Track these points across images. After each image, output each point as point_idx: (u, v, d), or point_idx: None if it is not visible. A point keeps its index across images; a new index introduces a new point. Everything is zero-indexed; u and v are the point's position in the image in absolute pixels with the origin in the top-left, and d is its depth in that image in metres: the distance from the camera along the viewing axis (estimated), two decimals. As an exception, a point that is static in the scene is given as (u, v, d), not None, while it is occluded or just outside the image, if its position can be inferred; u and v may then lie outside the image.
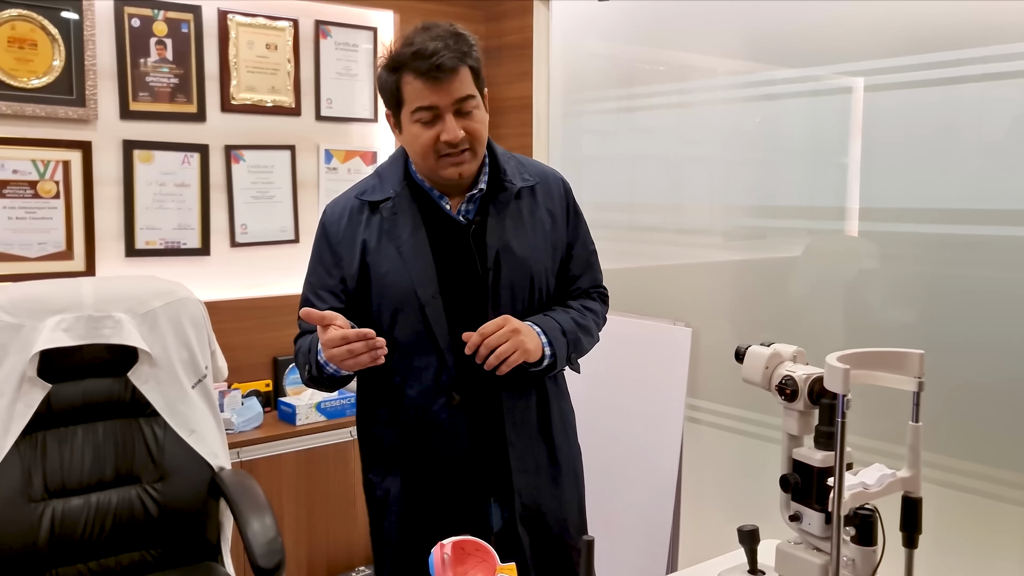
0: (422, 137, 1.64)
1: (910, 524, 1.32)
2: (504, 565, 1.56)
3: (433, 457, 1.75)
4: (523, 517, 1.77)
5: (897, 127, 2.20)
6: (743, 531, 1.52)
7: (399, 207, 1.73)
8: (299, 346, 1.79)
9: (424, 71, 1.60)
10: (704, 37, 2.68)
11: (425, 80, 1.60)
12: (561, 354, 1.74)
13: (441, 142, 1.63)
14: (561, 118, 3.25)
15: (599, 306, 1.91)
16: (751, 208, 2.59)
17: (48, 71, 2.66)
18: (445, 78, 1.60)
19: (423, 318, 1.69)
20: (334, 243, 1.77)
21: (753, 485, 2.51)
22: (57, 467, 2.09)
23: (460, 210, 1.75)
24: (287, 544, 2.66)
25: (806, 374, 1.41)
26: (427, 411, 1.73)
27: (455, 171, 1.67)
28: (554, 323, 1.75)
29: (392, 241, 1.72)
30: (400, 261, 1.70)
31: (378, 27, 3.37)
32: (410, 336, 1.71)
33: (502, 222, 1.74)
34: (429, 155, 1.66)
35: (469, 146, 1.66)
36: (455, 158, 1.65)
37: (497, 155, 1.79)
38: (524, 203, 1.78)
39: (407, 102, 1.65)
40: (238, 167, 3.06)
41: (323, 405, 2.99)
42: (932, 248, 2.13)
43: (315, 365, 1.69)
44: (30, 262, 2.67)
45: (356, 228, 1.75)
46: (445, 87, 1.61)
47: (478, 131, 1.67)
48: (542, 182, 1.83)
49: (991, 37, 1.99)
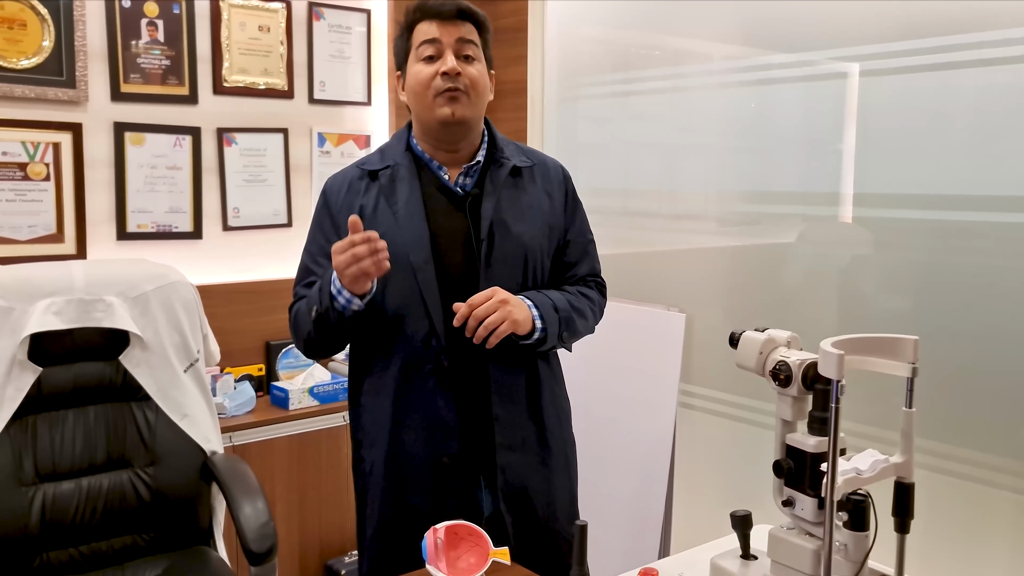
0: (422, 73, 1.73)
1: (902, 509, 1.33)
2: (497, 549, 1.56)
3: (419, 428, 1.74)
4: (506, 496, 1.76)
5: (892, 113, 2.20)
6: (736, 516, 1.52)
7: (397, 175, 1.78)
8: (298, 306, 1.78)
9: (433, 12, 1.74)
10: (699, 22, 2.66)
11: (432, 19, 1.74)
12: (552, 330, 1.73)
13: (439, 76, 1.71)
14: (556, 103, 3.23)
15: (596, 295, 1.91)
16: (745, 194, 2.59)
17: (38, 52, 2.64)
18: (450, 18, 1.73)
19: (415, 283, 1.71)
20: (334, 212, 1.79)
21: (746, 471, 2.52)
22: (48, 451, 2.08)
23: (458, 182, 1.78)
24: (279, 528, 2.66)
25: (800, 360, 1.41)
26: (415, 376, 1.73)
27: (449, 109, 1.72)
28: (546, 299, 1.75)
29: (389, 207, 1.75)
30: (395, 225, 1.73)
31: (371, 9, 3.35)
32: (401, 301, 1.72)
33: (498, 196, 1.77)
34: (426, 92, 1.72)
35: (465, 89, 1.72)
36: (450, 95, 1.71)
37: (496, 136, 1.84)
38: (521, 182, 1.82)
39: (414, 43, 1.75)
40: (230, 150, 3.04)
41: (316, 390, 2.98)
42: (927, 235, 2.13)
43: (327, 297, 1.66)
44: (20, 245, 2.65)
45: (355, 196, 1.78)
46: (450, 27, 1.73)
47: (476, 76, 1.74)
48: (540, 165, 1.87)
49: (987, 22, 1.98)
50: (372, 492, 1.80)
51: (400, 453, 1.76)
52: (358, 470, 1.84)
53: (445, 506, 1.73)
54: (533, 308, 1.71)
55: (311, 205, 3.23)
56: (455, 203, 1.77)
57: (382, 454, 1.77)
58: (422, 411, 1.74)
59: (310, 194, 3.24)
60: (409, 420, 1.75)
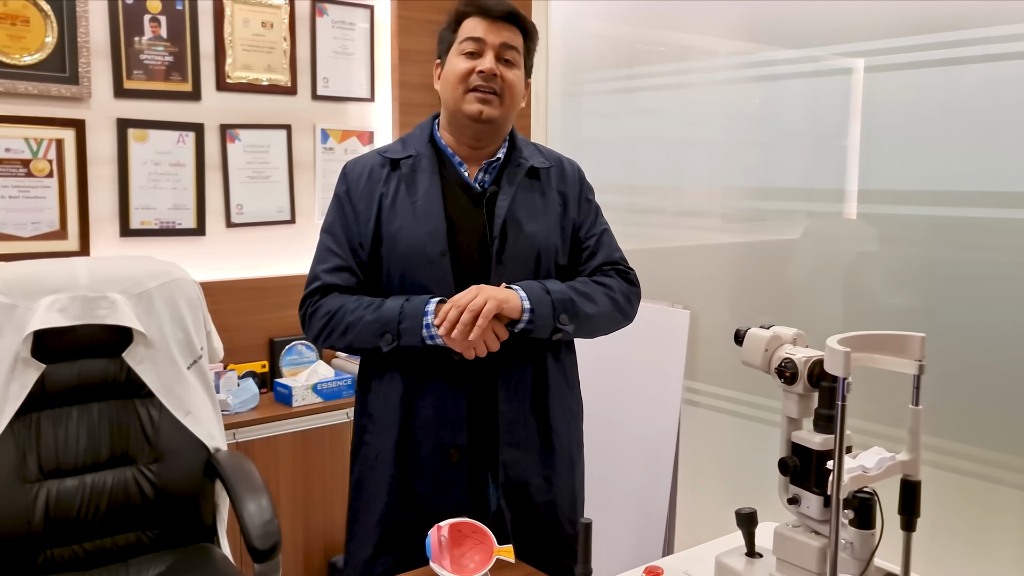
0: (460, 66, 1.75)
1: (909, 507, 1.32)
2: (501, 547, 1.56)
3: (429, 418, 1.74)
4: (507, 491, 1.76)
5: (897, 108, 2.19)
6: (741, 514, 1.51)
7: (418, 165, 1.78)
8: (356, 318, 1.72)
9: (484, 9, 1.75)
10: (704, 17, 2.65)
11: (481, 17, 1.75)
12: (543, 311, 1.70)
13: (476, 73, 1.73)
14: (560, 99, 3.22)
15: (615, 281, 1.85)
16: (750, 190, 2.58)
17: (41, 48, 2.63)
18: (500, 21, 1.75)
19: (430, 275, 1.72)
20: (354, 199, 1.79)
21: (751, 468, 2.51)
22: (52, 448, 2.08)
23: (477, 178, 1.80)
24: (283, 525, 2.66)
25: (806, 357, 1.40)
26: (427, 367, 1.73)
27: (478, 107, 1.73)
28: (536, 284, 1.74)
29: (409, 196, 1.76)
30: (413, 216, 1.74)
31: (375, 5, 3.34)
32: (415, 292, 1.73)
33: (513, 195, 1.78)
34: (460, 85, 1.74)
35: (499, 92, 1.74)
36: (483, 95, 1.73)
37: (516, 137, 1.86)
38: (538, 183, 1.83)
39: (459, 36, 1.77)
40: (233, 146, 3.03)
41: (320, 387, 2.98)
42: (932, 230, 2.12)
43: (418, 331, 1.67)
44: (24, 241, 2.65)
45: (375, 184, 1.78)
46: (497, 29, 1.75)
47: (512, 81, 1.76)
48: (557, 166, 1.88)
49: (992, 18, 1.98)
50: (378, 478, 1.79)
51: (410, 442, 1.76)
52: (360, 455, 1.84)
53: (451, 496, 1.73)
54: (519, 290, 1.70)
55: (315, 202, 3.23)
56: (473, 199, 1.77)
57: (391, 442, 1.76)
58: (432, 402, 1.74)
59: (313, 191, 3.23)
60: (420, 410, 1.75)
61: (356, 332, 1.72)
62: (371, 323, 1.70)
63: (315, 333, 1.77)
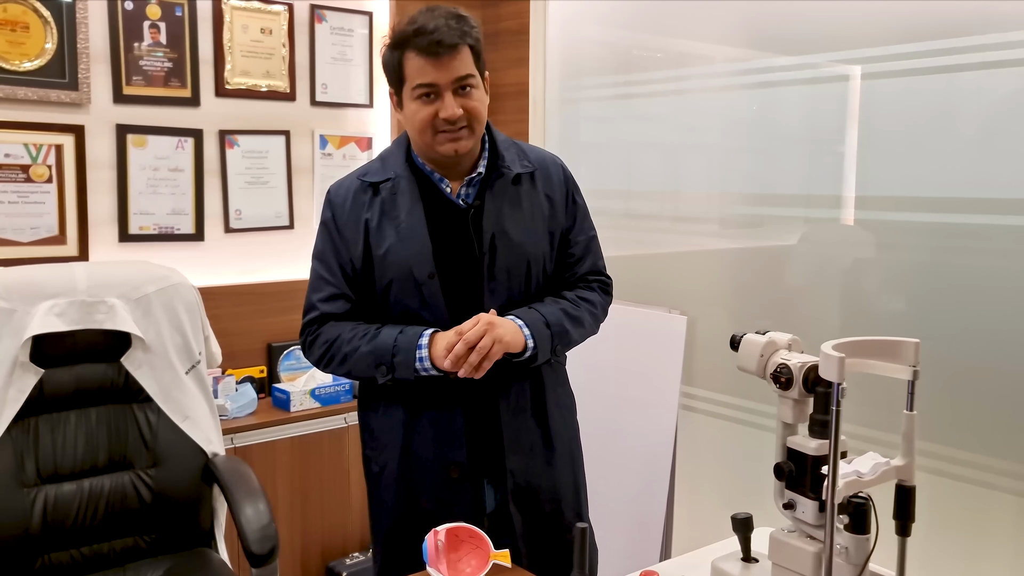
0: (420, 113, 1.68)
1: (903, 512, 1.32)
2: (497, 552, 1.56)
3: (429, 436, 1.76)
4: (515, 496, 1.78)
5: (894, 115, 2.20)
6: (737, 519, 1.52)
7: (399, 188, 1.76)
8: (352, 349, 1.73)
9: (424, 47, 1.64)
10: (701, 24, 2.66)
11: (426, 57, 1.64)
12: (544, 346, 1.73)
13: (439, 119, 1.67)
14: (558, 104, 3.23)
15: (598, 297, 1.89)
16: (747, 196, 2.59)
17: (40, 54, 2.64)
18: (445, 55, 1.64)
19: (420, 297, 1.72)
20: (340, 224, 1.78)
21: (747, 473, 2.52)
22: (50, 452, 2.08)
23: (460, 194, 1.77)
24: (281, 530, 2.66)
25: (801, 362, 1.41)
26: (425, 387, 1.73)
27: (451, 147, 1.69)
28: (537, 315, 1.75)
29: (391, 221, 1.74)
30: (398, 240, 1.73)
31: (373, 12, 3.35)
32: (409, 316, 1.74)
33: (499, 207, 1.76)
34: (427, 131, 1.69)
35: (467, 124, 1.69)
36: (452, 135, 1.69)
37: (497, 141, 1.82)
38: (523, 189, 1.80)
39: (408, 79, 1.68)
40: (232, 152, 3.04)
41: (317, 392, 2.98)
42: (928, 237, 2.13)
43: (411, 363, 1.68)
44: (23, 247, 2.65)
45: (360, 209, 1.77)
46: (445, 64, 1.65)
47: (476, 109, 1.70)
48: (541, 168, 1.85)
49: (989, 25, 1.98)
50: (384, 493, 1.82)
51: (412, 459, 1.78)
52: (367, 469, 1.86)
53: (455, 512, 1.74)
54: (524, 327, 1.71)
55: (313, 207, 3.23)
56: (457, 216, 1.76)
57: (395, 458, 1.79)
58: (432, 421, 1.76)
59: (312, 196, 3.24)
60: (420, 428, 1.77)
61: (353, 362, 1.73)
62: (366, 355, 1.71)
63: (315, 360, 1.80)
